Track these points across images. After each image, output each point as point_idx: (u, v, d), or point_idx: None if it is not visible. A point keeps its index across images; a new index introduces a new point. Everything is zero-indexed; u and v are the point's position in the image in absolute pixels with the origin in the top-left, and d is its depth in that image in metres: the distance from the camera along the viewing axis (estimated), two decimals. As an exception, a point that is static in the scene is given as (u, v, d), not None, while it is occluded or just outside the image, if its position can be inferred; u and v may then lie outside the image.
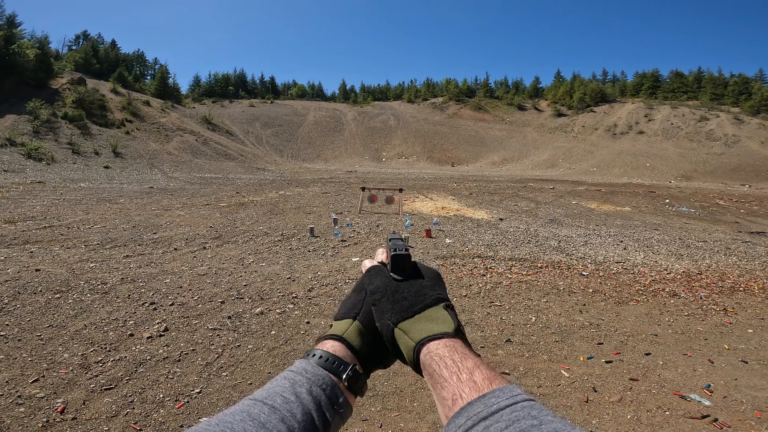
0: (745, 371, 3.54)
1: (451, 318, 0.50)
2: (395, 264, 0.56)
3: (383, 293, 0.54)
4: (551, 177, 32.59)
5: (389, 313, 0.51)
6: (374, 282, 0.56)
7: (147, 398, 2.87)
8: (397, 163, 49.57)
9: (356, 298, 0.58)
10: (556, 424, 0.34)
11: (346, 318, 0.56)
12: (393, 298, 0.53)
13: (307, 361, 0.49)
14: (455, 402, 0.39)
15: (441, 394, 0.42)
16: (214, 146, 35.39)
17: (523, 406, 0.36)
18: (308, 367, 0.48)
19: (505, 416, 0.35)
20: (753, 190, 25.83)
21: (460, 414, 0.38)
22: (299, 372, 0.47)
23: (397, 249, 0.57)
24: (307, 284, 5.36)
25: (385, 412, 2.86)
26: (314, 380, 0.46)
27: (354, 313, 0.56)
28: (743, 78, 63.04)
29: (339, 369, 0.49)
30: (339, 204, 13.34)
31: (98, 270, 5.55)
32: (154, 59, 79.69)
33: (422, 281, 0.55)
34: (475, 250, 7.49)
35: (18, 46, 33.47)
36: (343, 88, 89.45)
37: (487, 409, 0.37)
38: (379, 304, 0.53)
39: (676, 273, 6.60)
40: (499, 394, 0.38)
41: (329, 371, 0.48)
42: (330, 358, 0.49)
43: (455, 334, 0.48)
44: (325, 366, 0.48)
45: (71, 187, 15.12)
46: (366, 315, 0.55)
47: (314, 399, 0.44)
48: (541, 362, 3.61)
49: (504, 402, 0.37)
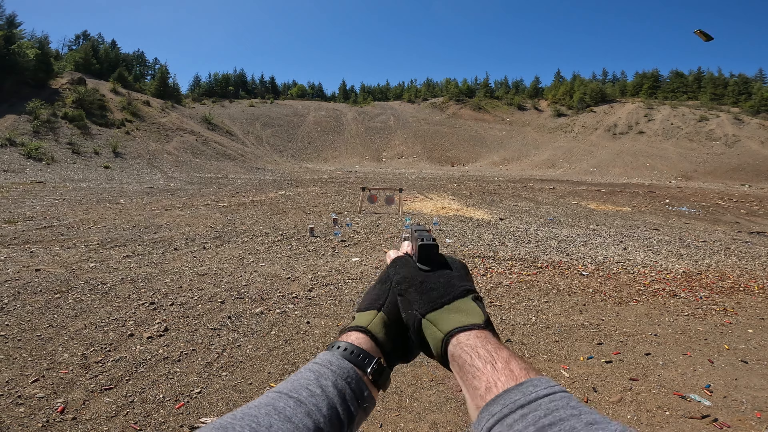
0: (745, 371, 3.54)
1: (480, 310, 0.49)
2: (422, 254, 0.55)
3: (410, 283, 0.53)
4: (551, 177, 32.59)
5: (417, 304, 0.50)
6: (401, 272, 0.55)
7: (147, 398, 2.87)
8: (397, 163, 49.57)
9: (381, 288, 0.56)
10: (594, 416, 0.33)
11: (370, 309, 0.54)
12: (420, 289, 0.52)
13: (331, 353, 0.48)
14: (489, 390, 0.38)
15: (473, 384, 0.41)
16: (214, 146, 35.39)
17: (561, 396, 0.36)
18: (333, 360, 0.47)
19: (543, 405, 0.35)
20: (753, 190, 25.83)
21: (495, 401, 0.37)
22: (324, 364, 0.46)
23: (424, 239, 0.56)
24: (307, 284, 5.36)
25: (385, 412, 2.86)
26: (339, 373, 0.45)
27: (379, 304, 0.55)
28: (743, 78, 63.08)
29: (364, 362, 0.48)
30: (339, 204, 13.34)
31: (98, 270, 5.55)
32: (154, 59, 79.83)
33: (450, 272, 0.54)
34: (475, 250, 7.49)
35: (18, 46, 33.49)
36: (343, 88, 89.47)
37: (525, 397, 0.36)
38: (407, 294, 0.52)
39: (676, 273, 6.60)
40: (537, 383, 0.37)
41: (354, 364, 0.47)
42: (355, 350, 0.48)
43: (485, 325, 0.47)
44: (350, 359, 0.48)
45: (71, 187, 15.12)
46: (391, 306, 0.54)
47: (339, 392, 0.44)
48: (541, 362, 3.62)
49: (543, 391, 0.36)
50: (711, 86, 64.61)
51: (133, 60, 69.72)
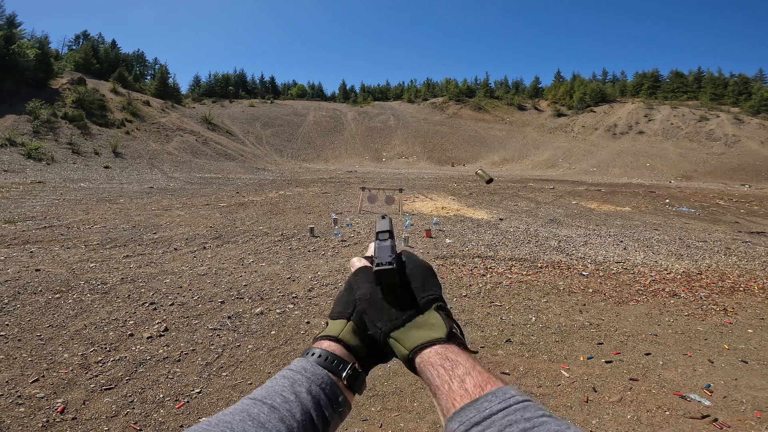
0: (745, 371, 3.54)
1: (443, 321, 0.49)
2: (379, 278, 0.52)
3: (370, 303, 0.52)
4: (551, 177, 32.59)
5: (379, 323, 0.51)
6: (361, 287, 0.54)
7: (147, 398, 2.87)
8: (397, 163, 49.56)
9: (348, 297, 0.56)
10: (549, 426, 0.33)
11: (340, 318, 0.55)
12: (380, 308, 0.51)
13: (306, 359, 0.49)
14: (449, 411, 0.40)
15: (438, 402, 0.42)
16: (214, 146, 35.39)
17: (515, 408, 0.36)
18: (307, 366, 0.48)
19: (497, 421, 0.35)
20: (753, 190, 25.83)
21: (453, 419, 0.38)
22: (298, 371, 0.47)
23: (380, 263, 0.52)
24: (307, 284, 5.36)
25: (385, 412, 2.86)
26: (313, 379, 0.46)
27: (347, 313, 0.54)
28: (743, 78, 63.04)
29: (338, 368, 0.48)
30: (339, 204, 13.34)
31: (98, 270, 5.55)
32: (154, 59, 79.81)
33: (411, 285, 0.53)
34: (475, 250, 7.49)
35: (18, 46, 33.48)
36: (343, 88, 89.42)
37: (480, 414, 0.36)
38: (368, 312, 0.52)
39: (676, 273, 6.60)
40: (492, 398, 0.38)
41: (328, 370, 0.48)
42: (329, 357, 0.49)
43: (447, 339, 0.47)
44: (324, 365, 0.48)
45: (71, 187, 15.12)
46: (359, 315, 0.54)
47: (313, 398, 0.44)
48: (541, 362, 3.61)
49: (496, 406, 0.37)
50: (711, 86, 64.58)
51: (133, 60, 69.69)
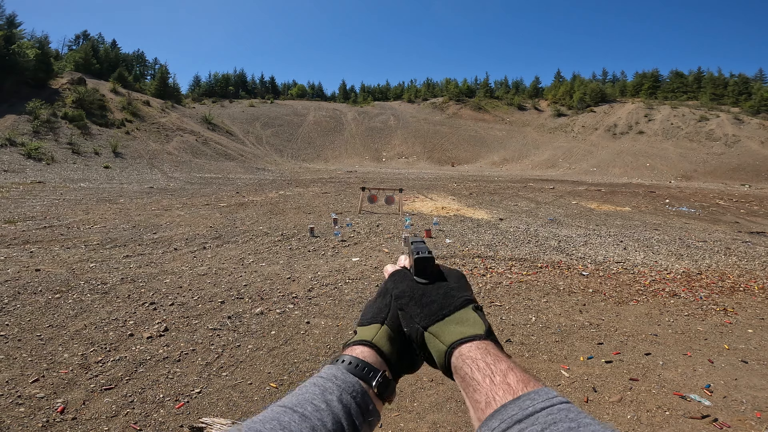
0: (745, 371, 3.54)
1: (481, 320, 0.49)
2: (419, 267, 0.56)
3: (410, 297, 0.53)
4: (551, 177, 32.59)
5: (418, 317, 0.51)
6: (399, 286, 0.55)
7: (147, 398, 2.87)
8: (397, 163, 49.56)
9: (382, 302, 0.56)
10: (594, 427, 0.33)
11: (373, 323, 0.54)
12: (420, 302, 0.52)
13: (336, 367, 0.48)
14: (488, 405, 0.39)
15: (474, 397, 0.41)
16: (214, 146, 35.38)
17: (559, 408, 0.36)
18: (338, 374, 0.47)
19: (540, 419, 0.35)
20: (753, 190, 25.83)
21: (494, 417, 0.37)
22: (329, 378, 0.46)
23: (420, 252, 0.56)
24: (307, 284, 5.36)
25: (385, 412, 2.85)
26: (344, 387, 0.45)
27: (381, 317, 0.55)
28: (743, 78, 63.01)
29: (369, 375, 0.48)
30: (339, 204, 13.34)
31: (98, 270, 5.55)
32: (154, 59, 79.78)
33: (448, 284, 0.54)
34: (475, 250, 7.49)
35: (18, 46, 33.47)
36: (343, 88, 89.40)
37: (522, 411, 0.36)
38: (407, 308, 0.53)
39: (676, 273, 6.60)
40: (534, 397, 0.37)
41: (359, 378, 0.47)
42: (360, 364, 0.48)
43: (486, 336, 0.47)
44: (355, 372, 0.47)
45: (71, 187, 15.12)
46: (394, 319, 0.54)
47: (344, 407, 0.43)
48: (541, 362, 3.62)
49: (540, 405, 0.36)
50: (711, 86, 64.55)
51: (133, 60, 69.66)
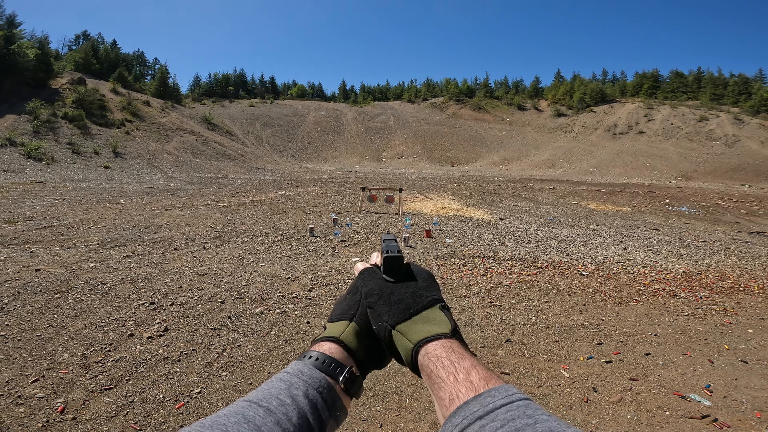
0: (745, 371, 3.54)
1: (447, 319, 0.50)
2: (388, 266, 0.57)
3: (379, 296, 0.54)
4: (551, 177, 32.59)
5: (386, 315, 0.52)
6: (368, 284, 0.56)
7: (147, 398, 2.87)
8: (397, 163, 49.55)
9: (352, 299, 0.57)
10: (551, 423, 0.34)
11: (342, 319, 0.55)
12: (389, 301, 0.53)
13: (303, 362, 0.49)
14: (452, 401, 0.40)
15: (438, 394, 0.42)
16: (214, 146, 35.38)
17: (518, 405, 0.36)
18: (304, 369, 0.47)
19: (500, 415, 0.36)
20: (753, 190, 25.83)
21: (457, 413, 0.38)
22: (295, 374, 0.47)
23: (389, 251, 0.57)
24: (307, 284, 5.36)
25: (385, 412, 2.86)
26: (310, 383, 0.46)
27: (350, 314, 0.55)
28: (743, 78, 63.03)
29: (335, 371, 0.48)
30: (339, 204, 13.34)
31: (98, 270, 5.55)
32: (154, 59, 79.80)
33: (416, 283, 0.55)
34: (475, 250, 7.49)
35: (18, 46, 33.46)
36: (343, 88, 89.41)
37: (483, 408, 0.37)
38: (375, 306, 0.53)
39: (676, 273, 6.60)
40: (495, 394, 0.38)
41: (325, 373, 0.48)
42: (326, 360, 0.49)
43: (452, 334, 0.48)
44: (322, 368, 0.48)
45: (71, 187, 15.12)
46: (362, 316, 0.55)
47: (310, 402, 0.44)
48: (541, 362, 3.61)
49: (500, 401, 0.37)
50: (711, 86, 64.56)
51: (133, 60, 69.67)
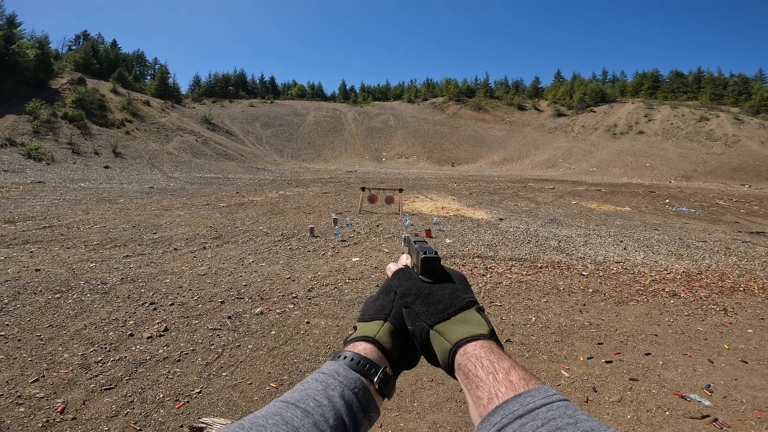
0: (745, 371, 3.54)
1: (484, 320, 0.51)
2: (425, 266, 0.57)
3: (416, 296, 0.54)
4: (551, 177, 32.59)
5: (424, 315, 0.52)
6: (405, 284, 0.56)
7: (147, 398, 2.87)
8: (397, 163, 49.55)
9: (385, 299, 0.57)
10: (591, 423, 0.34)
11: (376, 319, 0.55)
12: (427, 301, 0.53)
13: (338, 363, 0.49)
14: (491, 400, 0.40)
15: (476, 394, 0.42)
16: (214, 146, 35.38)
17: (558, 405, 0.37)
18: (340, 370, 0.48)
19: (540, 414, 0.36)
20: (753, 190, 25.83)
21: (496, 412, 0.38)
22: (331, 374, 0.47)
23: (426, 252, 0.57)
24: (307, 284, 5.36)
25: (385, 412, 2.86)
26: (346, 383, 0.46)
27: (384, 314, 0.55)
28: (743, 78, 63.02)
29: (371, 372, 0.48)
30: (339, 204, 13.34)
31: (98, 270, 5.55)
32: (154, 59, 79.78)
33: (453, 284, 0.56)
34: (475, 250, 7.49)
35: (18, 46, 33.46)
36: (343, 88, 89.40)
37: (523, 407, 0.37)
38: (413, 306, 0.54)
39: (676, 273, 6.60)
40: (535, 394, 0.39)
41: (361, 374, 0.48)
42: (362, 360, 0.49)
43: (490, 336, 0.49)
44: (357, 369, 0.48)
45: (71, 187, 15.12)
46: (396, 316, 0.55)
47: (346, 403, 0.44)
48: (541, 362, 3.61)
49: (540, 401, 0.37)
50: (711, 86, 64.55)
51: (133, 60, 69.66)
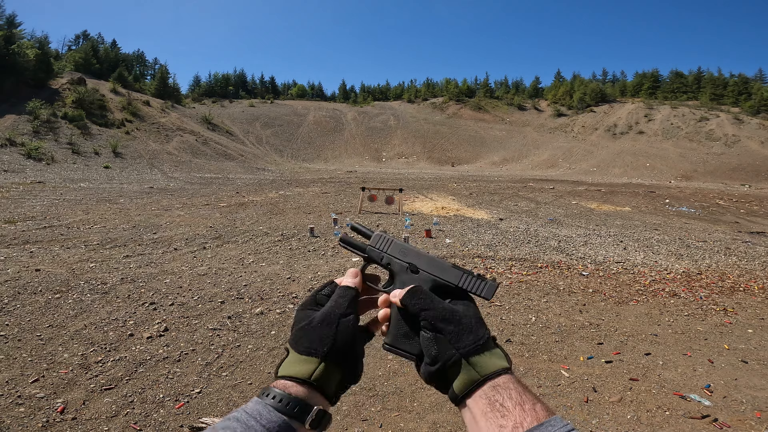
0: (745, 371, 3.54)
1: (504, 354, 0.52)
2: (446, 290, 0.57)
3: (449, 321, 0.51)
4: (551, 177, 32.59)
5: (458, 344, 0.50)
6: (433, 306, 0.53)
7: (147, 398, 2.87)
8: (397, 163, 49.56)
9: (326, 330, 0.51)
10: None
11: (312, 354, 0.50)
12: (459, 327, 0.51)
13: (262, 403, 0.46)
14: (516, 428, 0.43)
15: (499, 422, 0.44)
16: (214, 146, 35.39)
17: None
18: (263, 412, 0.44)
19: None
20: (753, 190, 25.83)
21: None
22: (253, 416, 0.44)
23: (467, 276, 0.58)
24: (307, 284, 5.37)
25: (385, 412, 2.86)
26: (269, 427, 0.43)
27: (323, 351, 0.50)
28: (743, 78, 63.06)
29: (300, 413, 0.45)
30: (339, 204, 13.34)
31: (98, 270, 5.55)
32: (154, 59, 79.80)
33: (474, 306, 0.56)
34: (475, 250, 7.48)
35: (18, 46, 33.46)
36: (343, 88, 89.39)
37: None
38: (445, 332, 0.51)
39: (676, 273, 6.60)
40: (555, 423, 0.42)
41: (288, 416, 0.45)
42: (291, 402, 0.46)
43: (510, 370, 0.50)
44: (285, 411, 0.45)
45: (71, 187, 15.12)
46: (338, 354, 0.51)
47: None
48: (541, 362, 3.61)
49: (561, 430, 0.41)
50: (711, 86, 64.56)
51: (133, 60, 69.66)
